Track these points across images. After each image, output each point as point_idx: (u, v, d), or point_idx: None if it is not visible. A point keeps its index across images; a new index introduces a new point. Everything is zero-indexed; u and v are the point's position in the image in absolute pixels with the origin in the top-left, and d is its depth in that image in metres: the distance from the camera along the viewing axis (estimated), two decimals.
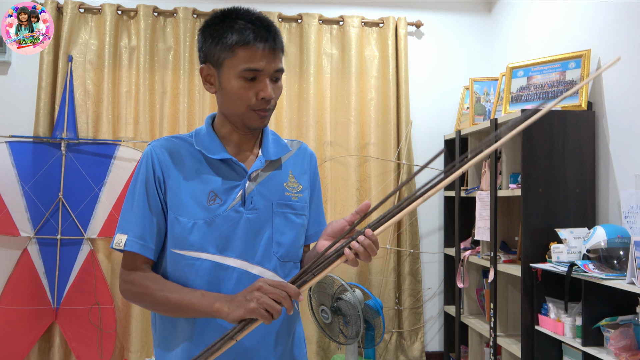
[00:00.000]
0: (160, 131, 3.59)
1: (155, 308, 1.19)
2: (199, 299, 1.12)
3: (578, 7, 2.88)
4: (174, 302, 1.14)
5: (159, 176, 1.21)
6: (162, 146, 1.24)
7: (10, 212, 3.33)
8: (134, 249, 1.18)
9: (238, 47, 1.16)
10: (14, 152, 3.37)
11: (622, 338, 2.07)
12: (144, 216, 1.20)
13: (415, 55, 3.91)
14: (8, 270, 3.38)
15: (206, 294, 1.13)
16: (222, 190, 1.21)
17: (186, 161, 1.22)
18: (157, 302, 1.16)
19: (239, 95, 1.18)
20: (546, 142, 2.59)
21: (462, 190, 3.40)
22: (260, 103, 1.19)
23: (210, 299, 1.11)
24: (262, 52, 1.16)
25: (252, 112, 1.20)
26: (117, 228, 1.22)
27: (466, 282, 3.30)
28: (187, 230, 1.19)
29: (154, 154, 1.23)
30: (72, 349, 3.37)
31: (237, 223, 1.21)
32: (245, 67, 1.16)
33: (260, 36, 1.17)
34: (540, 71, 2.87)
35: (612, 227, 2.31)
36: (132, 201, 1.21)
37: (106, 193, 3.43)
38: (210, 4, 3.70)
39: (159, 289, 1.16)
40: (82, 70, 3.52)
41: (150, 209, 1.20)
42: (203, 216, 1.19)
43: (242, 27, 1.17)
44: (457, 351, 3.44)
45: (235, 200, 1.21)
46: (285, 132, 3.68)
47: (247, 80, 1.17)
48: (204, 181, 1.21)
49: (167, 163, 1.22)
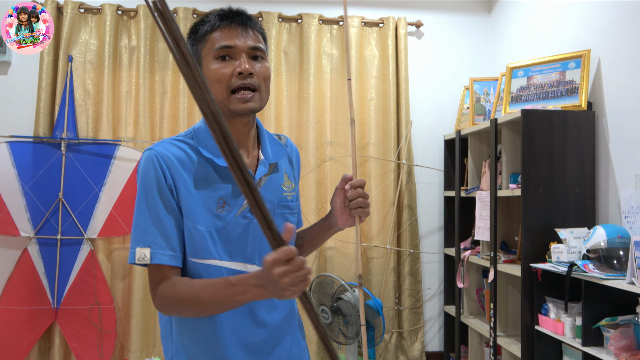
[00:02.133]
0: (160, 131, 3.58)
1: (197, 313, 1.16)
2: (229, 288, 1.07)
3: (578, 7, 2.88)
4: (211, 300, 1.10)
5: (170, 183, 1.15)
6: (167, 151, 1.17)
7: (10, 212, 3.33)
8: (163, 261, 1.13)
9: (208, 34, 1.18)
10: (14, 152, 3.37)
11: (622, 338, 2.07)
12: (164, 225, 1.14)
13: (415, 55, 3.91)
14: (8, 270, 3.38)
15: (234, 282, 1.07)
16: (230, 196, 1.19)
17: (193, 167, 1.18)
18: (195, 307, 1.12)
19: (217, 77, 1.16)
20: (546, 142, 2.59)
21: (462, 190, 3.40)
22: (237, 80, 1.15)
23: (243, 286, 1.06)
24: (230, 31, 1.16)
25: (233, 96, 1.16)
26: (134, 242, 1.14)
27: (466, 282, 3.30)
28: (205, 239, 1.16)
29: (160, 159, 1.15)
30: (72, 349, 3.37)
31: (246, 229, 1.20)
32: (216, 46, 1.16)
33: (227, 17, 1.18)
34: (540, 71, 2.87)
35: (612, 227, 2.31)
36: (146, 211, 1.14)
37: (106, 193, 3.43)
38: (210, 4, 3.70)
39: (191, 292, 1.11)
40: (82, 70, 3.52)
41: (170, 216, 1.14)
42: (215, 224, 1.17)
43: (211, 18, 1.19)
44: (457, 351, 3.44)
45: (243, 206, 1.20)
46: (285, 132, 3.68)
47: (222, 60, 1.16)
48: (213, 188, 1.18)
49: (176, 169, 1.16)
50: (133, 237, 1.14)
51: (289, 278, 0.97)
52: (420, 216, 3.86)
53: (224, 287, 1.08)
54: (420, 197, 3.86)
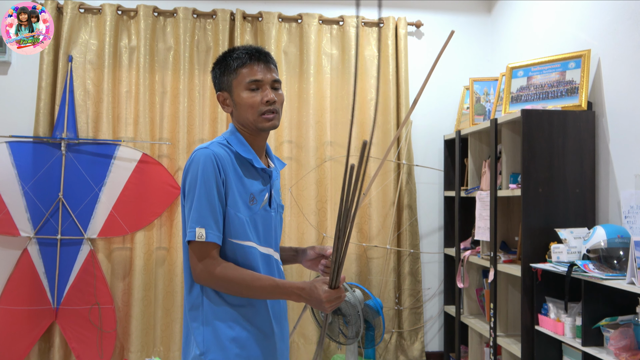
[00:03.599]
0: (160, 131, 3.58)
1: (237, 293, 1.46)
2: (275, 288, 1.43)
3: (578, 7, 2.88)
4: (256, 290, 1.43)
5: (223, 178, 1.46)
6: (220, 152, 1.48)
7: (10, 212, 3.33)
8: (214, 239, 1.43)
9: (239, 68, 1.52)
10: (14, 152, 3.37)
11: (622, 338, 2.07)
12: (216, 212, 1.44)
13: (415, 55, 3.91)
14: (8, 270, 3.38)
15: (280, 285, 1.44)
16: (257, 192, 1.53)
17: (234, 167, 1.50)
18: (239, 290, 1.44)
19: (249, 104, 1.51)
20: (546, 142, 2.59)
21: (462, 190, 3.40)
22: (265, 105, 1.51)
23: (287, 291, 1.44)
24: (258, 67, 1.52)
25: (261, 116, 1.51)
26: (193, 222, 1.42)
27: (466, 282, 3.30)
28: (244, 224, 1.48)
29: (216, 159, 1.45)
30: (72, 349, 3.37)
31: (268, 219, 1.55)
32: (248, 80, 1.51)
33: (254, 56, 1.53)
34: (540, 71, 2.87)
35: (612, 227, 2.31)
36: (205, 198, 1.43)
37: (106, 193, 3.43)
38: (210, 4, 3.70)
39: (241, 278, 1.43)
40: (82, 70, 3.52)
41: (220, 204, 1.45)
42: (248, 214, 1.50)
43: (239, 54, 1.53)
44: (457, 351, 3.44)
45: (264, 201, 1.54)
46: (285, 132, 3.68)
47: (252, 91, 1.51)
48: (247, 185, 1.51)
49: (226, 168, 1.47)
50: (193, 219, 1.43)
51: (331, 306, 1.41)
52: (420, 216, 3.86)
53: (270, 285, 1.43)
54: (420, 197, 3.86)
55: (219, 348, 1.46)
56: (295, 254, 1.72)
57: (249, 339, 1.48)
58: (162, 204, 3.50)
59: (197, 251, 1.43)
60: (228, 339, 1.47)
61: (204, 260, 1.43)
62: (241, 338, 1.48)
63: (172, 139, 3.58)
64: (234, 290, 1.44)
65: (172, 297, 3.52)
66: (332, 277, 1.40)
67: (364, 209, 3.74)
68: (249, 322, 1.49)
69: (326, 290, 1.39)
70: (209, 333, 1.47)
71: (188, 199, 1.46)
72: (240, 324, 1.48)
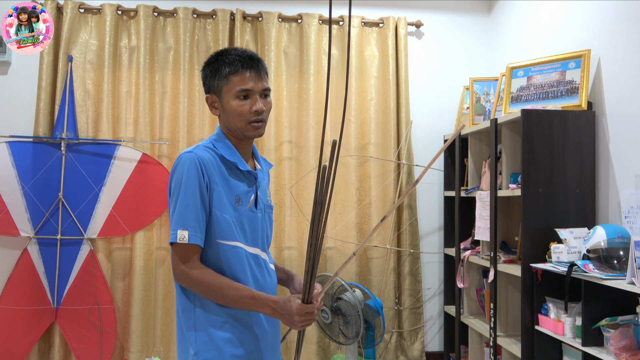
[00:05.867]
0: (160, 131, 3.58)
1: (212, 299, 1.46)
2: (250, 299, 1.43)
3: (578, 7, 2.88)
4: (230, 299, 1.44)
5: (206, 181, 1.47)
6: (204, 155, 1.49)
7: (10, 212, 3.33)
8: (196, 241, 1.44)
9: (231, 75, 1.51)
10: (14, 152, 3.37)
11: (622, 338, 2.07)
12: (199, 214, 1.45)
13: (415, 55, 3.91)
14: (8, 270, 3.38)
15: (256, 296, 1.43)
16: (243, 194, 1.54)
17: (219, 169, 1.51)
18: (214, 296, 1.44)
19: (238, 112, 1.51)
20: (546, 142, 2.59)
21: (462, 190, 3.40)
22: (254, 115, 1.52)
23: (261, 303, 1.43)
24: (249, 76, 1.51)
25: (249, 124, 1.52)
26: (175, 224, 1.44)
27: (466, 282, 3.30)
28: (231, 225, 1.49)
29: (200, 162, 1.46)
30: (72, 349, 3.37)
31: (253, 220, 1.56)
32: (238, 88, 1.51)
33: (246, 64, 1.52)
34: (540, 71, 2.87)
35: (612, 227, 2.31)
36: (186, 200, 1.44)
37: (106, 193, 3.43)
38: (210, 4, 3.70)
39: (218, 284, 1.43)
40: (82, 70, 3.52)
41: (203, 207, 1.46)
42: (234, 214, 1.51)
43: (232, 60, 1.52)
44: (457, 351, 3.44)
45: (250, 202, 1.55)
46: (285, 132, 3.68)
47: (241, 99, 1.51)
48: (232, 186, 1.52)
49: (210, 171, 1.48)
50: (175, 221, 1.45)
51: (302, 323, 1.41)
52: (420, 216, 3.86)
53: (245, 296, 1.43)
54: (420, 197, 3.86)
55: (213, 348, 1.47)
56: (286, 278, 1.72)
57: (242, 339, 1.50)
58: (162, 204, 3.50)
59: (179, 253, 1.45)
60: (222, 340, 1.48)
61: (184, 262, 1.44)
62: (234, 338, 1.49)
63: (172, 139, 3.58)
64: (211, 295, 1.45)
65: (172, 297, 3.51)
66: (305, 291, 1.40)
67: (364, 209, 3.74)
68: (241, 322, 1.50)
69: (299, 303, 1.40)
70: (203, 334, 1.48)
71: (172, 201, 1.48)
72: (232, 325, 1.49)
